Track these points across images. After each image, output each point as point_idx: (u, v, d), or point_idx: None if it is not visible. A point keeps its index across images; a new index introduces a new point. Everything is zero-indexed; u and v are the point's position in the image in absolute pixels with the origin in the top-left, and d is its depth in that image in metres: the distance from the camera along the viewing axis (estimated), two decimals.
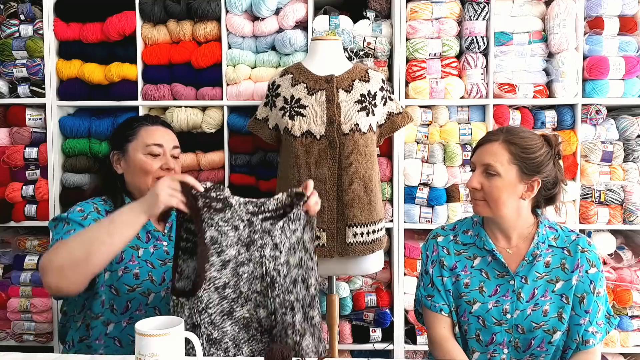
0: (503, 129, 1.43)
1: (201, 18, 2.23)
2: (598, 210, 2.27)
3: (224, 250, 1.26)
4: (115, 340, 1.44)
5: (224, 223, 1.27)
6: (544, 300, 1.38)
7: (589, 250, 1.41)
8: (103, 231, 1.24)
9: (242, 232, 1.29)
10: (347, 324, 2.33)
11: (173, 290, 1.24)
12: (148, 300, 1.46)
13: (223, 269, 1.26)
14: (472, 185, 1.40)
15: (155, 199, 1.22)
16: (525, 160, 1.36)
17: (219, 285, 1.25)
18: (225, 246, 1.26)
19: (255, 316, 1.29)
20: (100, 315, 1.43)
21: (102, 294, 1.43)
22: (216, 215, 1.26)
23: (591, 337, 1.36)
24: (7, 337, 2.38)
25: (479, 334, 1.42)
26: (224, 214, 1.27)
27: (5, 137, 2.35)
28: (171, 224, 1.60)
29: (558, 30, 2.21)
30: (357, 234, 1.86)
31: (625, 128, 2.29)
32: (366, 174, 1.86)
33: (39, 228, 2.39)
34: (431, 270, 1.49)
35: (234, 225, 1.28)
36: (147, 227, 1.52)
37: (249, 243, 1.29)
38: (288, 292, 1.29)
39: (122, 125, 1.65)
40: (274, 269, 1.29)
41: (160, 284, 1.48)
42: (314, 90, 1.87)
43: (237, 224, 1.28)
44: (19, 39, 2.31)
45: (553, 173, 1.40)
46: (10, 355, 1.29)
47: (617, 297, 2.25)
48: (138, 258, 1.47)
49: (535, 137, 1.40)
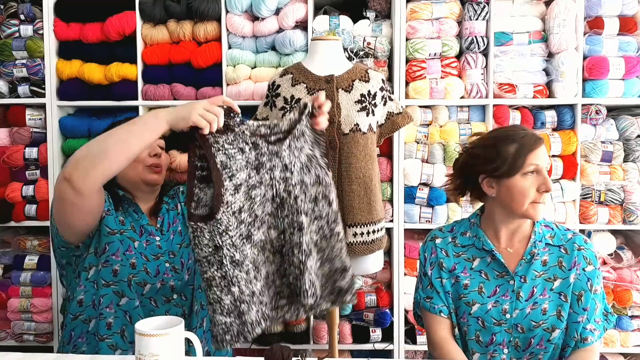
0: (535, 133, 1.41)
1: (201, 18, 2.23)
2: (598, 210, 2.27)
3: (235, 174, 1.25)
4: (127, 315, 1.46)
5: (229, 146, 1.26)
6: (543, 299, 1.39)
7: (585, 248, 1.42)
8: (122, 130, 1.27)
9: (250, 155, 1.28)
10: (347, 324, 2.33)
11: (191, 217, 1.23)
12: (144, 291, 1.48)
13: (236, 192, 1.25)
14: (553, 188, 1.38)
15: (186, 114, 1.23)
16: None
17: (235, 209, 1.25)
18: (235, 170, 1.26)
19: (269, 237, 1.30)
20: (111, 283, 1.45)
21: (104, 270, 1.45)
22: (220, 138, 1.25)
23: (589, 335, 1.37)
24: (7, 337, 2.38)
25: (479, 334, 1.42)
26: (227, 136, 1.27)
27: (5, 137, 2.35)
28: (162, 219, 1.60)
29: (558, 30, 2.21)
30: (357, 234, 1.86)
31: (625, 128, 2.29)
32: (366, 174, 1.86)
33: (39, 228, 2.39)
34: (430, 272, 1.49)
35: (240, 148, 1.27)
36: (140, 222, 1.54)
37: (258, 166, 1.28)
38: (298, 213, 1.29)
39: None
40: (284, 190, 1.29)
41: (155, 276, 1.50)
42: (314, 90, 1.87)
43: (242, 146, 1.28)
44: (19, 39, 2.31)
45: None
46: (10, 355, 1.29)
47: (617, 297, 2.25)
48: (135, 249, 1.49)
49: None
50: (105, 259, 1.45)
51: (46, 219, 2.31)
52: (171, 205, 1.65)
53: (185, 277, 1.54)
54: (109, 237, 1.46)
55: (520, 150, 1.35)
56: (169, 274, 1.51)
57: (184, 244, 1.60)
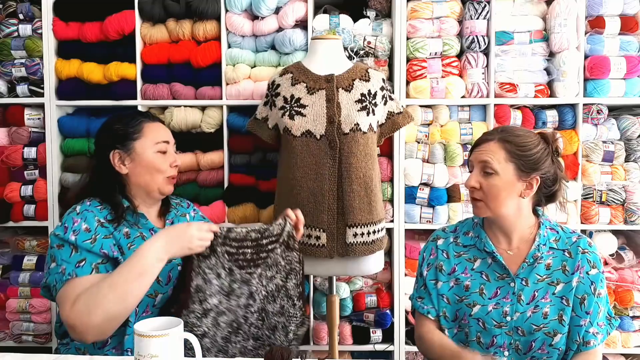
0: (498, 129, 1.44)
1: (201, 17, 2.22)
2: (599, 210, 2.26)
3: (207, 298, 1.33)
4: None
5: (209, 270, 1.34)
6: (544, 303, 1.37)
7: (589, 252, 1.40)
8: (135, 285, 1.27)
9: (224, 281, 1.35)
10: (348, 325, 2.32)
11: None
12: (155, 302, 1.44)
13: (204, 317, 1.32)
14: (471, 184, 1.40)
15: (188, 243, 1.30)
16: (521, 158, 1.36)
17: (198, 333, 1.29)
18: (208, 295, 1.33)
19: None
20: None
21: None
22: (202, 262, 1.33)
23: (592, 338, 1.35)
24: (5, 337, 2.37)
25: (480, 336, 1.41)
26: (209, 261, 1.34)
27: (4, 137, 2.34)
28: (172, 221, 1.58)
29: (559, 29, 2.21)
30: (357, 234, 1.85)
31: (626, 128, 2.29)
32: (366, 174, 1.85)
33: (37, 228, 2.38)
34: (425, 272, 1.50)
35: (217, 273, 1.34)
36: (148, 225, 1.50)
37: (229, 292, 1.36)
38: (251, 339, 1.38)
39: (120, 121, 1.54)
40: (242, 316, 1.37)
41: (167, 284, 1.46)
42: (314, 89, 1.87)
43: (220, 271, 1.35)
44: (17, 39, 2.31)
45: (552, 170, 1.39)
46: (9, 356, 1.28)
47: (619, 297, 2.25)
48: None
49: (531, 134, 1.40)
50: None
51: (45, 219, 2.30)
52: (180, 212, 1.64)
53: None
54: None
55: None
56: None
57: None
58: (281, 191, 1.93)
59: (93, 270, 1.34)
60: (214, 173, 2.29)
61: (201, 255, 1.32)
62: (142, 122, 1.53)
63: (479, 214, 1.42)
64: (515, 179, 1.36)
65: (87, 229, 1.38)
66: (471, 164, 1.44)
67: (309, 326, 2.31)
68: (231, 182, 2.27)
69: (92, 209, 1.44)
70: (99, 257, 1.36)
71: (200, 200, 2.27)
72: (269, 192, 2.19)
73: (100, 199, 1.48)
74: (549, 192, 1.43)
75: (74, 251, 1.36)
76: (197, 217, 1.71)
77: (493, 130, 1.44)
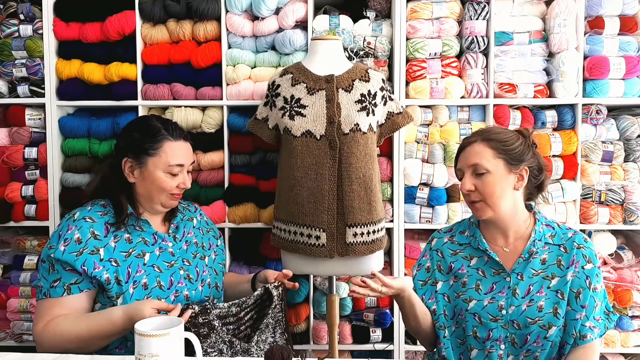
0: (477, 132, 1.50)
1: (201, 18, 2.23)
2: (598, 210, 2.27)
3: None
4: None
5: (211, 349, 1.32)
6: (539, 296, 1.40)
7: (585, 247, 1.43)
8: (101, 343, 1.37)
9: (227, 354, 1.34)
10: (347, 324, 2.33)
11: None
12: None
13: None
14: (467, 188, 1.44)
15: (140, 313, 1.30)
16: (507, 152, 1.42)
17: None
18: None
19: None
20: None
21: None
22: (204, 343, 1.31)
23: (588, 332, 1.37)
24: (6, 337, 2.38)
25: (476, 330, 1.44)
26: (210, 339, 1.32)
27: (4, 137, 2.35)
28: (176, 225, 1.59)
29: (558, 30, 2.21)
30: (357, 234, 1.86)
31: (625, 128, 2.29)
32: (366, 174, 1.86)
33: (38, 228, 2.38)
34: (415, 272, 1.57)
35: (219, 349, 1.33)
36: (151, 230, 1.50)
37: None
38: None
39: (142, 130, 1.52)
40: None
41: (169, 288, 1.46)
42: (314, 90, 1.87)
43: (222, 347, 1.34)
44: (18, 39, 2.31)
45: (535, 160, 1.46)
46: (10, 356, 1.29)
47: (618, 297, 2.25)
48: (144, 266, 1.44)
49: (509, 131, 1.49)
50: (112, 303, 1.41)
51: (46, 219, 2.30)
52: (187, 216, 1.64)
53: (199, 288, 1.52)
54: (116, 281, 1.41)
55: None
56: (183, 283, 1.49)
57: (199, 255, 1.58)
58: (281, 191, 1.93)
59: (65, 291, 1.38)
60: (214, 173, 2.30)
61: (201, 336, 1.29)
62: (164, 139, 1.50)
63: (480, 216, 1.46)
64: (507, 172, 1.42)
65: (79, 240, 1.39)
66: (460, 172, 1.49)
67: (309, 325, 2.32)
68: (231, 182, 2.27)
69: (91, 215, 1.45)
70: (74, 276, 1.38)
71: (200, 200, 2.27)
72: (269, 192, 2.19)
73: (107, 201, 1.50)
74: (537, 182, 1.48)
75: (51, 269, 1.39)
76: (202, 222, 1.71)
77: (472, 135, 1.50)
